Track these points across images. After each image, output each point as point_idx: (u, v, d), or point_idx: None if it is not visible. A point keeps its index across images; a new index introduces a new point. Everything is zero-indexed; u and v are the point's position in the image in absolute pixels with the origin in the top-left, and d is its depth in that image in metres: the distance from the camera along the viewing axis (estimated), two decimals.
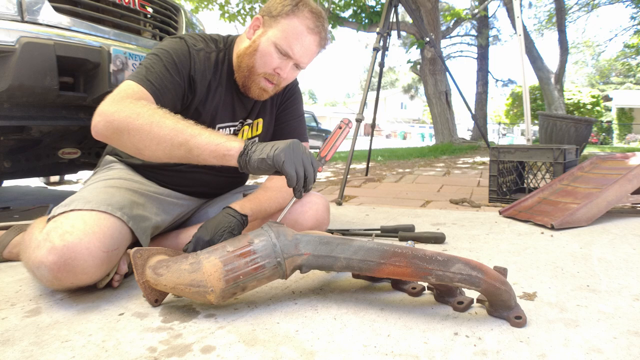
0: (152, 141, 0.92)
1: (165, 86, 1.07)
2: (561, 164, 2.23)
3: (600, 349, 0.74)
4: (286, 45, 1.12)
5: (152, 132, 0.91)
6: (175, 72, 1.09)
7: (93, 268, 0.93)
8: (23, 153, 2.18)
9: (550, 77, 10.50)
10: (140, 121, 0.91)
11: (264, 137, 1.36)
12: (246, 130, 1.32)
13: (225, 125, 1.25)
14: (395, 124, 39.95)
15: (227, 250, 0.88)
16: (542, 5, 16.18)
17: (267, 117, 1.34)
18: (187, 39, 1.15)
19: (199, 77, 1.15)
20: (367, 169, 3.96)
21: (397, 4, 3.25)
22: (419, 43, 7.96)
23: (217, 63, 1.20)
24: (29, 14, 1.50)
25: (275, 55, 1.13)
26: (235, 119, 1.27)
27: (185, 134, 0.91)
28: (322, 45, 1.19)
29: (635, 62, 21.31)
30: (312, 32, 1.13)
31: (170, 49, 1.11)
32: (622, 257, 1.28)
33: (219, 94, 1.21)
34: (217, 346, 0.77)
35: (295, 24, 1.11)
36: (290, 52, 1.13)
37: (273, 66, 1.14)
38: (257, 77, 1.16)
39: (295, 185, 0.91)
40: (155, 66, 1.07)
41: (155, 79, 1.05)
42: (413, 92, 31.83)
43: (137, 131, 0.92)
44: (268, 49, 1.13)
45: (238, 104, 1.26)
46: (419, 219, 1.94)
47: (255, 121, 1.32)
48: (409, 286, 1.00)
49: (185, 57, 1.12)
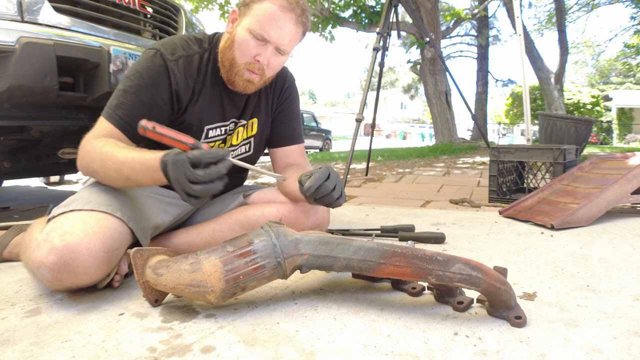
0: (108, 179, 1.05)
1: (136, 115, 1.06)
2: (561, 164, 2.23)
3: (600, 349, 0.74)
4: (260, 29, 1.07)
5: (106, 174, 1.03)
6: (148, 97, 1.09)
7: (93, 268, 0.93)
8: (23, 153, 2.18)
9: (550, 77, 10.51)
10: (94, 166, 1.04)
11: (260, 138, 1.35)
12: (241, 131, 1.31)
13: (216, 126, 1.23)
14: (395, 124, 39.96)
15: (227, 250, 0.88)
16: (542, 5, 16.20)
17: (262, 117, 1.33)
18: (163, 50, 1.12)
19: (181, 87, 1.13)
20: (367, 169, 3.96)
21: (397, 4, 3.25)
22: (419, 43, 7.96)
23: (200, 65, 1.17)
24: (28, 14, 1.50)
25: (252, 43, 1.09)
26: (225, 118, 1.24)
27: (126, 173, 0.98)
28: (301, 23, 1.11)
29: (635, 62, 21.31)
30: (286, 10, 1.07)
31: (144, 70, 1.10)
32: (622, 257, 1.28)
33: (204, 95, 1.18)
34: (217, 346, 0.77)
35: (266, 5, 1.07)
36: (265, 34, 1.08)
37: (252, 54, 1.10)
38: (240, 69, 1.13)
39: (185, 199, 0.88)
40: (125, 96, 1.09)
41: (124, 113, 1.07)
42: (413, 92, 31.83)
43: (96, 174, 1.06)
44: (244, 37, 1.09)
45: (228, 102, 1.23)
46: (419, 219, 1.94)
47: (250, 121, 1.31)
48: (409, 286, 1.00)
49: (161, 73, 1.10)
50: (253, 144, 1.35)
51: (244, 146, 1.34)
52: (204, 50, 1.19)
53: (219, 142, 1.27)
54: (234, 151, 1.32)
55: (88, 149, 1.04)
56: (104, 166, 1.00)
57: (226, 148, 1.28)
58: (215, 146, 1.25)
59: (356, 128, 2.75)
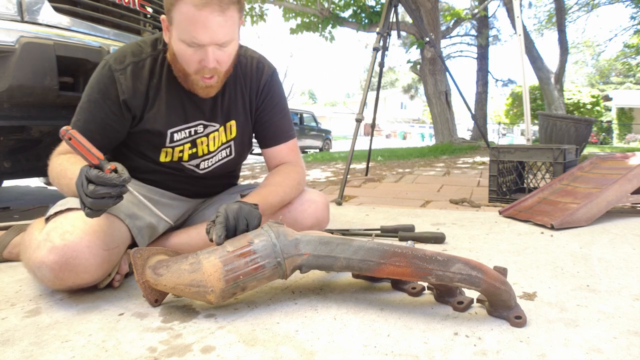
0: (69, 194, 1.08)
1: (91, 130, 1.09)
2: (561, 164, 2.23)
3: (600, 348, 0.74)
4: (189, 37, 0.99)
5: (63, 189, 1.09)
6: (99, 111, 1.11)
7: (95, 266, 0.94)
8: (23, 153, 2.18)
9: (550, 77, 10.50)
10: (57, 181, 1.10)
11: (240, 140, 1.29)
12: (217, 135, 1.24)
13: (179, 128, 1.18)
14: (395, 124, 39.94)
15: (227, 250, 0.88)
16: (542, 5, 16.17)
17: (240, 119, 1.26)
18: (111, 62, 1.10)
19: (130, 96, 1.11)
20: (367, 169, 3.96)
21: (397, 4, 3.25)
22: (419, 43, 7.96)
23: (154, 68, 1.13)
24: (28, 14, 1.50)
25: (190, 51, 1.02)
26: (188, 120, 1.18)
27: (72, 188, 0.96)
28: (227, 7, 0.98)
29: (635, 62, 21.31)
30: (203, 7, 0.96)
31: (95, 84, 1.11)
32: (622, 257, 1.28)
33: (160, 99, 1.14)
34: (217, 346, 0.77)
35: (183, 9, 0.97)
36: (195, 40, 0.99)
37: (195, 61, 1.04)
38: (193, 78, 1.08)
39: None
40: (80, 113, 1.12)
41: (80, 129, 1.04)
42: (413, 92, 31.86)
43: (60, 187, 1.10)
44: (180, 48, 1.03)
45: (188, 103, 1.17)
46: (419, 219, 1.94)
47: (228, 124, 1.25)
48: (409, 286, 1.00)
49: (108, 85, 1.10)
50: (234, 147, 1.29)
51: (224, 150, 1.28)
52: (158, 52, 1.15)
53: (188, 145, 1.20)
54: (213, 157, 1.26)
55: (52, 166, 1.11)
56: (60, 183, 1.08)
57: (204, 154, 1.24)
58: (184, 150, 1.20)
59: (356, 128, 2.75)
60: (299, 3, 8.21)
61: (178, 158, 1.21)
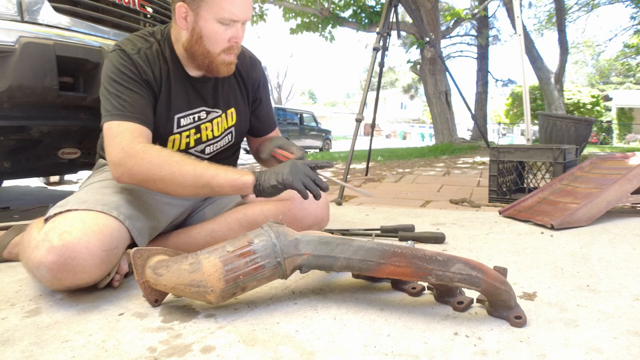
0: (178, 187, 1.06)
1: (144, 107, 1.11)
2: (561, 164, 2.23)
3: (600, 348, 0.74)
4: (228, 13, 1.09)
5: (176, 180, 1.04)
6: (139, 88, 1.12)
7: (93, 267, 0.94)
8: (23, 153, 2.18)
9: (550, 77, 10.50)
10: (163, 173, 1.04)
11: (239, 127, 1.34)
12: (219, 121, 1.29)
13: (185, 114, 1.22)
14: (395, 124, 39.92)
15: (227, 250, 0.88)
16: (542, 5, 16.17)
17: (240, 107, 1.33)
18: (124, 47, 1.14)
19: (150, 77, 1.15)
20: (367, 168, 3.96)
21: (397, 4, 3.25)
22: (419, 43, 7.96)
23: (159, 55, 1.18)
24: (28, 14, 1.50)
25: (223, 29, 1.11)
26: (192, 106, 1.23)
27: (207, 177, 1.05)
28: None
29: (635, 62, 21.30)
30: None
31: (120, 66, 1.11)
32: (622, 257, 1.28)
33: (168, 84, 1.19)
34: (217, 346, 0.77)
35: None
36: (234, 16, 1.09)
37: (226, 39, 1.12)
38: (218, 57, 1.15)
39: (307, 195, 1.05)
40: (124, 94, 1.10)
41: (135, 108, 1.09)
42: (413, 92, 31.83)
43: (162, 181, 1.05)
44: (214, 29, 1.10)
45: (191, 90, 1.23)
46: (419, 219, 1.94)
47: (229, 111, 1.30)
48: (409, 286, 1.00)
49: (131, 67, 1.12)
50: (234, 133, 1.35)
51: (227, 136, 1.34)
52: (157, 40, 1.20)
53: (193, 131, 1.25)
54: (218, 142, 1.32)
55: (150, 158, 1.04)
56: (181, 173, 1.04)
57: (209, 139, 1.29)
58: (190, 135, 1.25)
59: (356, 128, 2.75)
60: (299, 3, 8.21)
61: (185, 144, 1.24)
